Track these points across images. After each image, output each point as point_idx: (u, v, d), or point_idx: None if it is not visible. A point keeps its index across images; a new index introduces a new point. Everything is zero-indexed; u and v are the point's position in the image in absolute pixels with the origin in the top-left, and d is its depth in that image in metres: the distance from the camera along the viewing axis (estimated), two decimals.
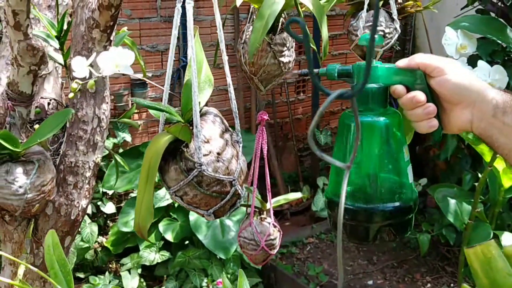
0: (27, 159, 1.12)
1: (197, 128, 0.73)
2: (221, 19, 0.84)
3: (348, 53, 4.31)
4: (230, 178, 0.78)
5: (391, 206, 0.78)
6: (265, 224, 1.57)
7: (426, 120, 0.75)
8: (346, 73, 0.79)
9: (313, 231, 3.50)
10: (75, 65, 0.76)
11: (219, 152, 0.77)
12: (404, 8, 1.59)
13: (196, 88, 0.71)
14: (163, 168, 0.78)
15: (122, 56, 0.74)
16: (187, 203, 0.79)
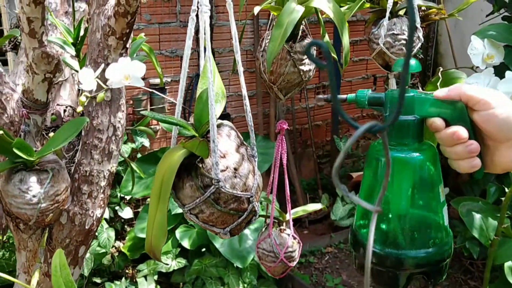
0: (42, 167, 1.10)
1: (214, 143, 0.70)
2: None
3: (369, 59, 4.25)
4: (248, 194, 0.75)
5: (424, 252, 0.70)
6: (284, 236, 1.53)
7: (467, 159, 0.66)
8: (378, 101, 0.72)
9: (332, 240, 3.44)
10: (82, 78, 0.74)
11: (236, 167, 0.74)
12: (428, 15, 1.54)
13: (213, 100, 0.68)
14: (177, 184, 0.74)
15: (132, 68, 0.72)
16: (203, 221, 0.75)
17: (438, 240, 0.72)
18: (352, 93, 0.77)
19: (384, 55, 1.34)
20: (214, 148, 0.70)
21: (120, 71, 0.70)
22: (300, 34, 1.35)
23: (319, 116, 4.16)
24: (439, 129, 0.67)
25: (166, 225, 0.75)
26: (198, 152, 0.71)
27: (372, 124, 0.40)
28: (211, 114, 0.70)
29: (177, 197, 0.75)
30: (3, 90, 1.09)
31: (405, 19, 1.33)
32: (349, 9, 1.47)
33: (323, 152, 4.26)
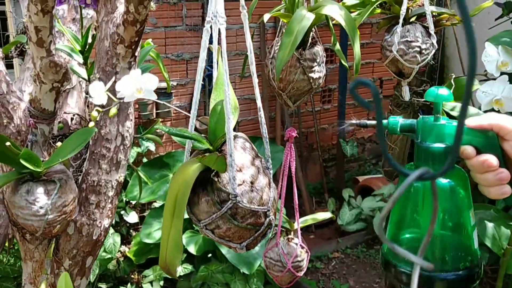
0: (49, 178, 1.08)
1: (231, 157, 0.68)
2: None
3: (376, 62, 4.22)
4: (264, 208, 0.73)
5: (454, 275, 0.71)
6: (292, 245, 1.51)
7: (497, 186, 0.67)
8: (409, 128, 0.73)
9: (339, 245, 3.42)
10: (93, 91, 0.72)
11: (252, 181, 0.72)
12: (439, 21, 1.52)
13: (230, 114, 0.65)
14: (192, 200, 0.72)
15: (145, 81, 0.70)
16: (219, 236, 0.73)
17: (468, 263, 0.72)
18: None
19: (398, 63, 1.31)
20: (231, 162, 0.68)
21: (133, 84, 0.68)
22: (310, 41, 1.33)
23: (325, 119, 4.14)
24: (470, 157, 0.68)
25: (181, 242, 0.73)
26: (215, 167, 0.69)
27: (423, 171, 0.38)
28: (227, 128, 0.68)
29: (192, 212, 0.73)
30: (10, 99, 1.07)
31: (418, 26, 1.30)
32: (359, 15, 1.45)
33: (329, 156, 4.23)
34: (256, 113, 3.55)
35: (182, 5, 3.24)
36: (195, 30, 3.32)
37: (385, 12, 1.51)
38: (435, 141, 0.70)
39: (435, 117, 0.72)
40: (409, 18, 1.35)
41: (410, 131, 0.73)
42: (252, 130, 3.67)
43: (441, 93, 0.72)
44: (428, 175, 0.38)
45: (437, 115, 0.72)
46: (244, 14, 0.72)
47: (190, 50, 3.33)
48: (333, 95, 4.12)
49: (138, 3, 0.96)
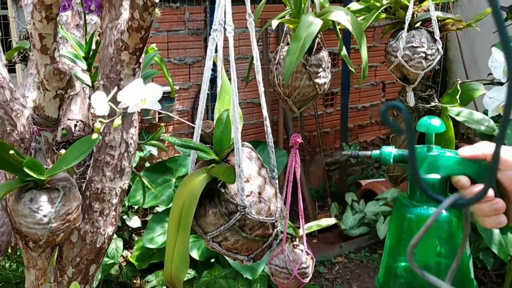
0: (52, 186, 1.07)
1: (239, 168, 0.67)
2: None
3: (378, 65, 4.21)
4: (272, 219, 0.72)
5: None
6: (297, 252, 1.50)
7: (494, 216, 0.67)
8: (403, 159, 0.72)
9: (342, 250, 3.40)
10: (95, 102, 0.70)
11: (260, 191, 0.71)
12: (444, 26, 1.51)
13: (239, 124, 0.64)
14: (197, 212, 0.71)
15: (149, 91, 0.68)
16: (227, 249, 0.72)
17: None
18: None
19: (403, 68, 1.30)
20: (239, 173, 0.67)
21: (137, 94, 0.67)
22: (315, 46, 1.32)
23: (327, 123, 4.13)
24: (465, 187, 0.68)
25: (188, 255, 0.72)
26: (224, 178, 0.68)
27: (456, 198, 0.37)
28: (236, 138, 0.67)
29: (198, 225, 0.72)
30: (13, 106, 1.06)
31: (424, 31, 1.29)
32: (365, 19, 1.44)
33: (331, 160, 4.22)
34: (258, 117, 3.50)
35: (184, 9, 3.23)
36: (197, 34, 3.31)
37: (390, 17, 1.50)
38: (429, 172, 0.69)
39: (428, 147, 0.71)
40: (414, 23, 1.34)
41: (403, 161, 0.72)
42: (254, 134, 3.66)
43: (433, 123, 0.72)
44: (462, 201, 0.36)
45: (430, 146, 0.71)
46: (250, 22, 0.71)
47: (193, 54, 3.32)
48: (335, 99, 4.11)
49: (143, 9, 0.95)
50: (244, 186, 0.69)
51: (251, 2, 0.78)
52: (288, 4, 1.27)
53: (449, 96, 1.52)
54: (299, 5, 1.19)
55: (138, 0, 0.94)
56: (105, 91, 1.07)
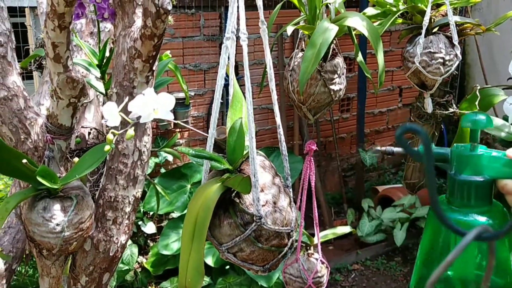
0: (65, 194, 1.07)
1: (255, 178, 0.65)
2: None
3: (395, 70, 4.17)
4: (288, 229, 0.70)
5: None
6: (312, 261, 1.48)
7: None
8: (442, 157, 0.65)
9: (358, 257, 3.36)
10: (106, 113, 0.69)
11: (275, 201, 0.69)
12: (463, 30, 1.48)
13: (254, 133, 0.63)
14: (212, 222, 0.70)
15: (161, 101, 0.67)
16: (242, 260, 0.70)
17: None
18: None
19: (420, 74, 1.28)
20: (255, 183, 0.66)
21: (149, 104, 0.66)
22: (331, 52, 1.30)
23: (343, 128, 4.09)
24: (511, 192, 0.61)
25: (203, 266, 0.70)
26: (239, 188, 0.67)
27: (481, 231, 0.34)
28: (251, 147, 0.65)
29: (213, 236, 0.71)
30: (27, 115, 1.06)
31: (442, 36, 1.26)
32: (381, 25, 1.42)
33: (347, 165, 4.18)
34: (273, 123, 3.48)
35: (200, 15, 3.24)
36: (212, 40, 3.31)
37: (407, 22, 1.48)
38: (471, 174, 0.62)
39: (472, 146, 0.64)
40: (431, 28, 1.32)
41: (443, 161, 0.66)
42: (269, 140, 3.64)
43: (480, 118, 0.64)
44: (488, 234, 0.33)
45: (474, 144, 0.64)
46: (263, 30, 0.70)
47: (208, 60, 3.32)
48: (351, 104, 4.07)
49: (156, 17, 0.94)
50: (260, 196, 0.67)
51: (267, 8, 0.77)
52: (303, 10, 1.25)
53: (468, 102, 1.49)
54: (314, 11, 1.18)
55: (151, 8, 0.93)
56: (118, 99, 1.06)
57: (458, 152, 0.64)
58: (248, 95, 0.67)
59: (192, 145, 3.43)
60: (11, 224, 1.45)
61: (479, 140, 0.66)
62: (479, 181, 0.62)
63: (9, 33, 1.04)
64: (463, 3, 1.39)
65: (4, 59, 1.03)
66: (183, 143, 3.38)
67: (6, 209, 1.02)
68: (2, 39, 1.02)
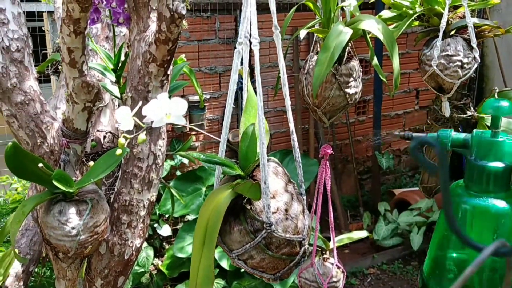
0: (81, 198, 1.07)
1: (265, 184, 0.64)
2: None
3: (412, 72, 4.13)
4: (300, 237, 0.69)
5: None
6: (328, 265, 1.47)
7: None
8: (462, 143, 0.67)
9: (374, 261, 3.33)
10: (120, 117, 0.70)
11: (286, 208, 0.69)
12: (481, 32, 1.46)
13: (264, 139, 0.62)
14: (223, 229, 0.69)
15: (173, 106, 0.67)
16: (252, 267, 0.70)
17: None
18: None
19: (438, 77, 1.26)
20: (265, 189, 0.65)
21: (162, 109, 0.66)
22: (346, 55, 1.29)
23: (360, 131, 4.07)
24: None
25: (212, 272, 0.70)
26: (249, 194, 0.66)
27: (499, 246, 0.33)
28: (262, 153, 0.65)
29: (223, 242, 0.70)
30: (44, 119, 1.07)
31: (459, 39, 1.25)
32: (397, 27, 1.40)
33: (364, 168, 4.15)
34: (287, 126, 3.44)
35: (215, 18, 3.25)
36: (228, 43, 3.32)
37: (423, 24, 1.46)
38: (492, 160, 0.63)
39: (493, 132, 0.65)
40: (449, 31, 1.30)
41: (463, 146, 0.67)
42: (285, 142, 3.63)
43: (503, 105, 0.65)
44: (505, 250, 0.32)
45: (495, 131, 0.65)
46: (276, 35, 0.69)
47: (223, 63, 3.33)
48: (368, 106, 4.04)
49: (170, 22, 0.94)
50: (270, 203, 0.67)
51: (282, 10, 0.77)
52: (317, 13, 1.24)
53: None
54: (329, 14, 1.17)
55: (165, 13, 0.93)
56: (133, 103, 1.07)
57: (478, 138, 0.64)
58: (258, 100, 0.66)
59: (208, 147, 3.44)
60: (28, 226, 1.47)
61: None
62: (499, 167, 0.63)
63: (26, 39, 1.05)
64: (482, 5, 1.36)
65: (21, 64, 1.04)
66: (198, 146, 3.39)
67: (23, 212, 1.03)
68: (19, 45, 1.03)
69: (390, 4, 1.44)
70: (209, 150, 3.46)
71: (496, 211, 0.63)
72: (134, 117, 0.67)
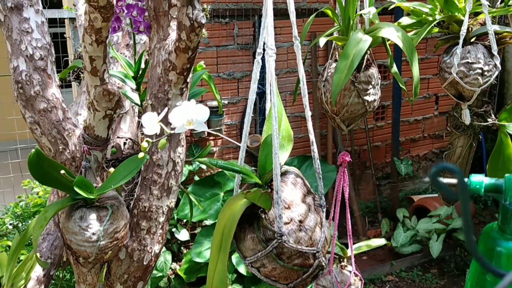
0: (101, 204, 1.09)
1: (277, 194, 0.65)
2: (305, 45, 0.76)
3: (431, 78, 4.10)
4: (314, 250, 0.69)
5: None
6: (345, 273, 1.46)
7: None
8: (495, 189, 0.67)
9: (393, 268, 3.30)
10: (145, 122, 0.71)
11: (301, 219, 0.69)
12: (501, 39, 1.44)
13: (278, 149, 0.63)
14: (238, 235, 0.70)
15: (196, 112, 0.68)
16: (265, 275, 0.70)
17: None
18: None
19: (457, 85, 1.25)
20: (277, 199, 0.65)
21: (184, 116, 0.67)
22: (365, 63, 1.29)
23: (378, 137, 4.04)
24: None
25: (226, 276, 0.71)
26: (260, 203, 0.67)
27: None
28: (275, 164, 0.65)
29: (238, 248, 0.71)
30: (65, 126, 1.09)
31: (480, 46, 1.23)
32: (417, 34, 1.39)
33: (382, 174, 4.12)
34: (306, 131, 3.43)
35: (233, 24, 3.26)
36: (246, 49, 3.33)
37: (443, 31, 1.45)
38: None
39: None
40: (469, 38, 1.29)
41: (496, 191, 0.66)
42: (302, 148, 3.63)
43: None
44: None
45: None
46: (296, 45, 0.69)
47: (242, 69, 3.34)
48: (386, 112, 4.02)
49: (190, 30, 0.95)
50: (283, 213, 0.67)
51: (300, 16, 0.77)
52: (336, 21, 1.24)
53: (507, 112, 1.45)
54: (348, 21, 1.17)
55: (185, 21, 0.94)
56: (153, 110, 1.08)
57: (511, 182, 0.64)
58: (273, 110, 0.67)
59: (225, 153, 3.45)
60: (50, 231, 1.49)
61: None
62: None
63: (49, 47, 1.07)
64: (503, 12, 1.35)
65: (44, 72, 1.06)
66: (216, 151, 3.41)
67: (45, 218, 1.05)
68: (42, 53, 1.05)
69: (409, 11, 1.43)
70: (227, 155, 3.48)
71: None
72: (160, 123, 0.68)
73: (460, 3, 1.33)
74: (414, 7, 1.40)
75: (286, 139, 0.74)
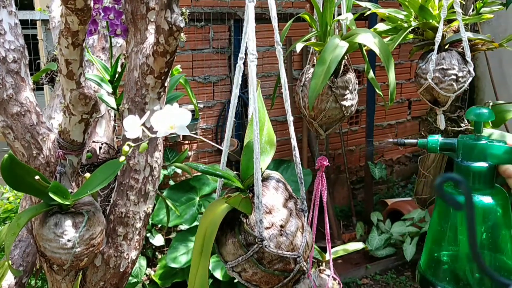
0: (77, 210, 1.07)
1: (258, 199, 0.65)
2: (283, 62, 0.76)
3: (404, 83, 4.16)
4: (295, 254, 0.69)
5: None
6: (323, 277, 1.47)
7: None
8: (449, 147, 0.75)
9: (368, 271, 3.33)
10: (127, 125, 0.70)
11: (282, 224, 0.69)
12: (474, 45, 1.47)
13: (259, 154, 0.63)
14: (220, 239, 0.69)
15: (178, 116, 0.67)
16: (246, 280, 0.70)
17: None
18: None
19: (433, 91, 1.27)
20: (258, 204, 0.65)
21: (166, 120, 0.66)
22: (342, 68, 1.30)
23: (352, 141, 4.08)
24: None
25: (207, 281, 0.70)
26: (241, 208, 0.66)
27: None
28: (255, 168, 0.65)
29: (220, 253, 0.71)
30: (39, 130, 1.07)
31: (454, 52, 1.26)
32: (392, 40, 1.41)
33: (356, 178, 4.16)
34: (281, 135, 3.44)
35: (209, 28, 3.26)
36: (222, 53, 3.33)
37: (418, 38, 1.47)
38: (476, 160, 0.71)
39: (476, 136, 0.73)
40: (444, 44, 1.31)
41: (450, 150, 0.75)
42: (278, 152, 3.64)
43: (483, 112, 0.74)
44: None
45: (478, 135, 0.73)
46: (278, 50, 0.70)
47: (217, 73, 3.33)
48: (360, 117, 4.06)
49: (169, 34, 0.94)
50: (263, 218, 0.67)
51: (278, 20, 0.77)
52: (314, 26, 1.25)
53: None
54: (325, 27, 1.18)
55: (164, 25, 0.93)
56: (130, 114, 1.07)
57: (463, 142, 0.73)
58: (255, 115, 0.67)
59: (201, 157, 3.44)
60: (22, 237, 1.46)
61: None
62: (482, 167, 0.71)
63: (23, 49, 1.05)
64: (475, 19, 1.38)
65: (18, 75, 1.04)
66: (191, 155, 3.39)
67: (18, 225, 1.02)
68: (16, 56, 1.03)
69: (385, 17, 1.45)
70: (202, 159, 3.46)
71: (482, 206, 0.71)
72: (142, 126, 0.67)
73: (434, 10, 1.35)
74: (390, 13, 1.42)
75: (268, 143, 0.74)
